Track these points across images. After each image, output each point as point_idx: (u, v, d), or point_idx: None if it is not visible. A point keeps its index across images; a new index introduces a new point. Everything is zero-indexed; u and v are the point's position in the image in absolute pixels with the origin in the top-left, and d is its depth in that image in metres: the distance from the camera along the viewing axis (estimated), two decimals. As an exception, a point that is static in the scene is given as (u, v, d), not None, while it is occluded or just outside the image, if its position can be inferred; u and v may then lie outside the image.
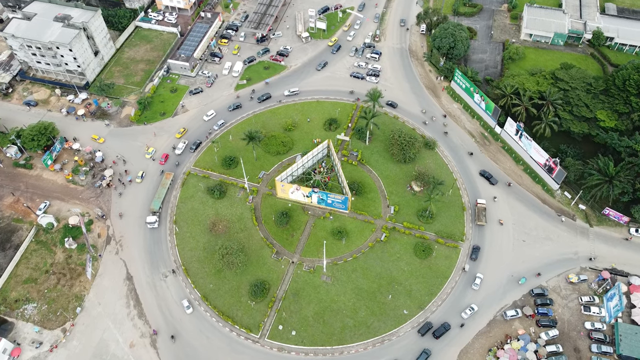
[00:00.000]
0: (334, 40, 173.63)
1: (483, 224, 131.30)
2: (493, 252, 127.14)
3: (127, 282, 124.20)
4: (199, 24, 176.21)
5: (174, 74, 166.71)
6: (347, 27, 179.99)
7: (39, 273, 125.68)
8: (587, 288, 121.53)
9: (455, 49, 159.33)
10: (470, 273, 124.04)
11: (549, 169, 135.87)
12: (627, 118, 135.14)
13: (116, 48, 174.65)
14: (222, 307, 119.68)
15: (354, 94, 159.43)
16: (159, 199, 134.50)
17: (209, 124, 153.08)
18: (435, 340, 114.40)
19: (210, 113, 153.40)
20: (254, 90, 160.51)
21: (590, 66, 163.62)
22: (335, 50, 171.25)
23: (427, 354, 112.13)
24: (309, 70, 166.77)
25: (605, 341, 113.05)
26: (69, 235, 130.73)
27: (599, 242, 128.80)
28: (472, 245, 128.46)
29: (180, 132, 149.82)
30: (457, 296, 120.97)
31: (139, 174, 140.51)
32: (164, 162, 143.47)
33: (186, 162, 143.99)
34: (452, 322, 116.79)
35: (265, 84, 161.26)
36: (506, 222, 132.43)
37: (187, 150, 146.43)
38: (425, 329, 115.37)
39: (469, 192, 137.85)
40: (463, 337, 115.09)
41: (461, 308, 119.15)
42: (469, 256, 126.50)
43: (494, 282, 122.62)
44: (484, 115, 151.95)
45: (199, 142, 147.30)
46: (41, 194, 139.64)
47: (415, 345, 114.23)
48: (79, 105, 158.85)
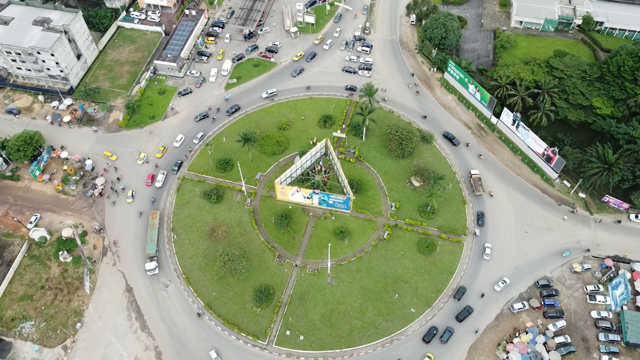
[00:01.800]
0: (299, 54, 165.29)
1: (481, 193, 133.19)
2: (496, 246, 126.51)
3: (127, 294, 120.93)
4: (184, 22, 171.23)
5: (161, 75, 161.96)
6: (319, 39, 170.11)
7: (34, 289, 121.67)
8: (591, 277, 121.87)
9: (447, 39, 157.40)
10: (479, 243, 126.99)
11: (547, 158, 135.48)
12: (623, 104, 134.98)
13: (99, 50, 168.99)
14: (227, 315, 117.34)
15: (347, 89, 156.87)
16: (153, 242, 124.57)
17: (189, 139, 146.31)
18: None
19: (179, 138, 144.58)
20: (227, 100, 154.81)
21: (582, 52, 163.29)
22: (310, 59, 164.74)
23: (451, 332, 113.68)
24: (300, 67, 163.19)
25: (612, 329, 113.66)
26: (63, 248, 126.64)
27: (600, 230, 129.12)
28: (476, 212, 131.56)
29: (160, 151, 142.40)
30: (474, 269, 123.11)
31: (129, 193, 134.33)
32: (150, 183, 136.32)
33: (166, 198, 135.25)
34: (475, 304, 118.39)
35: (225, 100, 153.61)
36: (507, 213, 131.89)
37: (167, 180, 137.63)
38: (464, 315, 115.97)
39: (460, 166, 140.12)
40: (471, 334, 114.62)
41: (483, 279, 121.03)
42: (475, 222, 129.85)
43: (498, 275, 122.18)
44: (480, 106, 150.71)
45: (180, 162, 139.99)
46: (31, 207, 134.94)
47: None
48: (64, 112, 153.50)
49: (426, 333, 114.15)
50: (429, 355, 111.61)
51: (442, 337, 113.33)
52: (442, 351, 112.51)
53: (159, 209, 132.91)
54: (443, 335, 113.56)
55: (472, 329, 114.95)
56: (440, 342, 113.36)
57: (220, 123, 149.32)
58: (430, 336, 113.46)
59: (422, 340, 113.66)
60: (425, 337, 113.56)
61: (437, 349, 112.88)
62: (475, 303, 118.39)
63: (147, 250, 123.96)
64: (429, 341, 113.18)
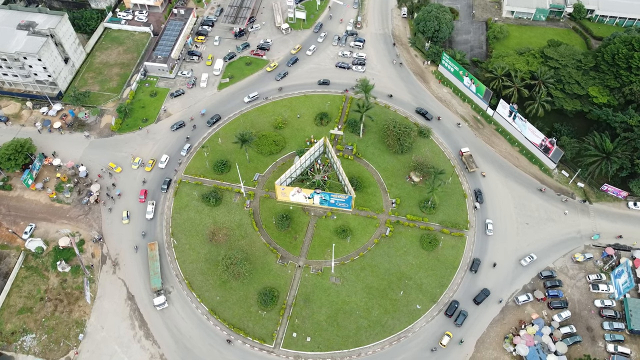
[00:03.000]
0: (274, 65, 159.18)
1: (475, 169, 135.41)
2: (498, 238, 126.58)
3: (129, 302, 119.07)
4: (173, 21, 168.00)
5: (152, 77, 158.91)
6: (297, 49, 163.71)
7: (33, 301, 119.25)
8: (593, 266, 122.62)
9: (440, 31, 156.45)
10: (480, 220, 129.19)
11: (545, 149, 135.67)
12: (619, 92, 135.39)
13: (86, 53, 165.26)
14: (232, 320, 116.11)
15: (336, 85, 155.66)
16: (157, 275, 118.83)
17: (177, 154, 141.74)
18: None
19: (164, 159, 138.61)
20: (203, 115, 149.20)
21: (574, 40, 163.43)
22: (291, 64, 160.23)
23: (465, 315, 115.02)
24: (302, 56, 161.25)
25: (616, 317, 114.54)
26: (60, 258, 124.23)
27: (600, 218, 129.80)
28: (474, 190, 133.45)
29: (150, 164, 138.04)
30: (480, 244, 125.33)
31: (124, 214, 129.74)
32: (143, 200, 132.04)
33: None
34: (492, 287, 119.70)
35: (201, 115, 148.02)
36: (508, 205, 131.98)
37: (157, 210, 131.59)
38: (483, 297, 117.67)
39: (449, 146, 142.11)
40: (478, 326, 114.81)
41: (490, 254, 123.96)
42: (474, 200, 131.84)
43: (502, 268, 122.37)
44: (475, 98, 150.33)
45: (168, 180, 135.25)
46: (25, 216, 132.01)
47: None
48: (54, 118, 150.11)
49: (448, 307, 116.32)
50: (448, 334, 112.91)
51: (457, 320, 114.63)
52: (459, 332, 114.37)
53: (155, 239, 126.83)
54: (457, 318, 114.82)
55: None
56: (455, 325, 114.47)
57: (205, 132, 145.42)
58: (452, 310, 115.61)
59: (444, 314, 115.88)
60: (448, 311, 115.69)
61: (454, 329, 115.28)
62: (492, 285, 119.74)
63: (152, 284, 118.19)
64: (452, 315, 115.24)
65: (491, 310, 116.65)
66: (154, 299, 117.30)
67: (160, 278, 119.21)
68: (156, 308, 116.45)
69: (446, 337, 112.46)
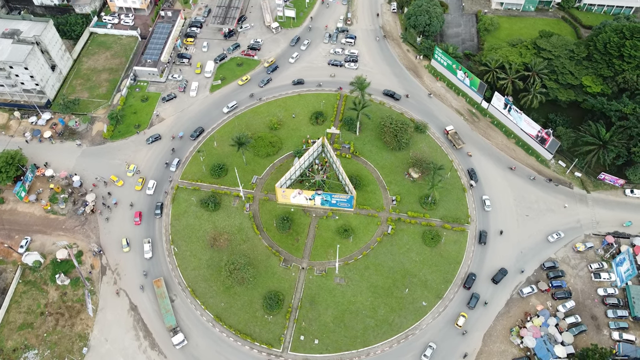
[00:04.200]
0: (245, 79, 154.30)
1: (462, 145, 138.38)
2: (498, 235, 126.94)
3: (132, 313, 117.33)
4: (160, 24, 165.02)
5: (142, 81, 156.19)
6: (270, 62, 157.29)
7: (33, 316, 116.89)
8: (594, 255, 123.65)
9: (432, 25, 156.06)
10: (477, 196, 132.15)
11: (542, 140, 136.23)
12: (612, 81, 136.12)
13: (73, 59, 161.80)
14: (237, 326, 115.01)
15: (329, 83, 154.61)
16: (170, 312, 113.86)
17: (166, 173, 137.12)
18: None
19: (151, 185, 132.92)
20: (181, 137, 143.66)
21: (563, 30, 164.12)
22: (271, 71, 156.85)
23: (477, 297, 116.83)
24: (284, 63, 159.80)
25: (619, 305, 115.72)
26: (59, 271, 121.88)
27: (598, 207, 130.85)
28: (467, 170, 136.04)
29: (140, 183, 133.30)
30: (482, 220, 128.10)
31: (123, 242, 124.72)
32: (139, 222, 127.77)
33: (154, 271, 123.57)
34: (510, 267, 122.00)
35: (180, 137, 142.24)
36: (507, 198, 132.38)
37: (155, 247, 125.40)
38: (501, 276, 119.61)
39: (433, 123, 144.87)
40: (485, 320, 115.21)
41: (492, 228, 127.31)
42: (468, 180, 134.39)
43: (505, 260, 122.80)
44: (469, 92, 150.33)
45: (160, 204, 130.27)
46: (19, 230, 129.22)
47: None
48: (43, 127, 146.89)
49: (466, 280, 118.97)
50: (463, 315, 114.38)
51: (470, 302, 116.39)
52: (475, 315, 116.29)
53: (161, 275, 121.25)
54: (470, 301, 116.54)
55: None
56: (468, 307, 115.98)
57: (191, 145, 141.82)
58: (470, 282, 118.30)
59: (463, 287, 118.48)
60: (466, 283, 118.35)
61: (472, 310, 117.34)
62: (510, 265, 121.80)
63: (167, 323, 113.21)
64: (470, 287, 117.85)
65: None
66: (172, 338, 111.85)
67: (174, 315, 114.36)
68: (176, 347, 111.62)
69: (462, 317, 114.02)
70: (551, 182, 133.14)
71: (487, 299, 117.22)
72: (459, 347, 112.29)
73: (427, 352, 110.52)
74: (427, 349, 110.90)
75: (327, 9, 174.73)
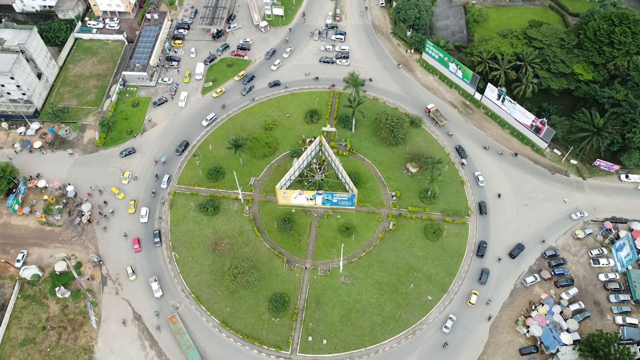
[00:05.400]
0: (220, 91, 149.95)
1: (444, 121, 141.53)
2: (499, 224, 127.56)
3: (137, 322, 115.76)
4: (147, 27, 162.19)
5: (131, 86, 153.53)
6: (241, 76, 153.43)
7: (35, 332, 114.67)
8: (593, 241, 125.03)
9: (421, 19, 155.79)
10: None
11: (536, 129, 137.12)
12: (603, 68, 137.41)
13: (59, 66, 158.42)
14: (244, 330, 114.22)
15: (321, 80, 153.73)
16: (192, 348, 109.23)
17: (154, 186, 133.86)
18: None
19: (144, 212, 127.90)
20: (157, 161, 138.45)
21: (551, 18, 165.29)
22: (246, 82, 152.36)
23: (487, 272, 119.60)
24: (276, 62, 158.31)
25: (621, 290, 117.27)
26: (58, 283, 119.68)
27: (595, 193, 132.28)
28: (455, 147, 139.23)
29: (132, 205, 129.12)
30: (478, 193, 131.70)
31: (128, 270, 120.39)
32: (139, 249, 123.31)
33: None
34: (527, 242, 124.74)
35: (162, 163, 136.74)
36: (505, 189, 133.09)
37: (164, 289, 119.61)
38: (518, 251, 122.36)
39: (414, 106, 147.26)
40: (490, 311, 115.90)
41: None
42: (458, 156, 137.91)
43: (506, 252, 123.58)
44: (462, 84, 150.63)
45: (157, 231, 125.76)
46: (15, 244, 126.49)
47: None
48: (33, 137, 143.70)
49: (478, 248, 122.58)
50: (475, 292, 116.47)
51: (481, 278, 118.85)
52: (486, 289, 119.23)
53: (174, 312, 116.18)
54: (481, 276, 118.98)
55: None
56: (480, 283, 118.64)
57: (177, 162, 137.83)
58: (482, 250, 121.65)
59: (476, 255, 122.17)
60: (479, 251, 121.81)
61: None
62: (527, 241, 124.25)
63: (190, 359, 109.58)
64: (483, 255, 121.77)
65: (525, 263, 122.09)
66: None
67: (196, 349, 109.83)
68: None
69: (474, 295, 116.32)
70: (516, 155, 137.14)
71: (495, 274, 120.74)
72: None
73: (448, 323, 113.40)
74: (448, 321, 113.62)
75: (315, 6, 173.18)
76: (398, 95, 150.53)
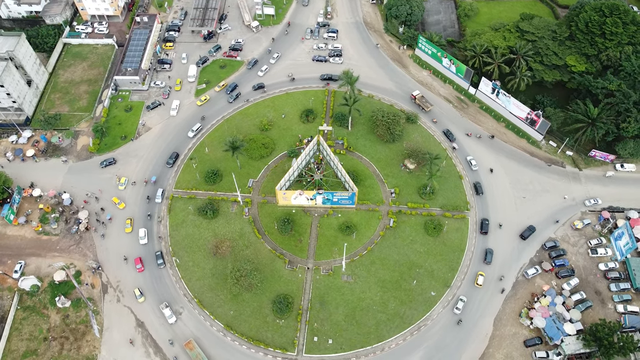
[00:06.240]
0: (204, 99, 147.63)
1: (430, 107, 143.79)
2: (498, 218, 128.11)
3: (140, 330, 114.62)
4: (137, 30, 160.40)
5: (124, 91, 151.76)
6: (221, 87, 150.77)
7: (36, 343, 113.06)
8: (592, 231, 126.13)
9: (413, 15, 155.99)
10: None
11: (532, 122, 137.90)
12: (596, 59, 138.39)
13: (49, 72, 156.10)
14: (249, 333, 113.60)
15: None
16: None
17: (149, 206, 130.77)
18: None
19: (143, 234, 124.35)
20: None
21: (541, 10, 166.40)
22: (229, 92, 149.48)
23: (491, 252, 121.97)
24: (268, 62, 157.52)
25: (621, 278, 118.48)
26: (58, 293, 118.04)
27: (591, 183, 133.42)
28: (442, 131, 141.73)
29: (128, 224, 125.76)
30: (473, 177, 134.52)
31: (136, 292, 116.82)
32: (142, 269, 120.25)
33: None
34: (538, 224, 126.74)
35: (153, 182, 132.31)
36: (503, 182, 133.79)
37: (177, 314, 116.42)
38: (529, 233, 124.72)
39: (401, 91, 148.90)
40: (493, 305, 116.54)
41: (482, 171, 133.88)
42: (447, 139, 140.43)
43: (507, 245, 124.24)
44: (456, 79, 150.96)
45: (159, 252, 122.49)
46: (12, 254, 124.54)
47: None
48: (25, 146, 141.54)
49: (481, 225, 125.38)
50: (481, 273, 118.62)
51: (486, 258, 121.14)
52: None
53: (190, 337, 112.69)
54: (486, 257, 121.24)
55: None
56: (485, 263, 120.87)
57: (170, 173, 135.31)
58: (486, 227, 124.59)
59: (480, 233, 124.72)
60: (482, 229, 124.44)
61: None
62: (538, 224, 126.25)
63: None
64: (487, 232, 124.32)
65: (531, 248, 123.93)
66: None
67: None
68: None
69: (480, 277, 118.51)
70: (493, 138, 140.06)
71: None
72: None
73: (459, 304, 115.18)
74: (459, 302, 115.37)
75: (305, 5, 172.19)
76: (393, 92, 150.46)
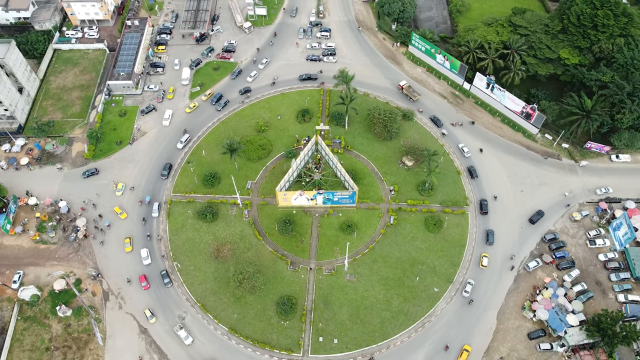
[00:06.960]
0: (193, 106, 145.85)
1: (417, 96, 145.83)
2: (498, 213, 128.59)
3: (143, 336, 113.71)
4: (128, 34, 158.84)
5: (117, 96, 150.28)
6: (207, 96, 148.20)
7: (39, 353, 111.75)
8: (590, 222, 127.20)
9: (405, 12, 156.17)
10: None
11: (527, 115, 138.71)
12: (589, 52, 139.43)
13: (40, 79, 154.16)
14: (254, 335, 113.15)
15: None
16: None
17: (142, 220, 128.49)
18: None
19: (145, 254, 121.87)
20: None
21: (531, 4, 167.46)
22: (215, 102, 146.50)
23: (492, 233, 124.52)
24: (263, 61, 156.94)
25: (620, 268, 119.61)
26: (59, 302, 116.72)
27: (588, 175, 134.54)
28: (430, 118, 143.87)
29: (128, 243, 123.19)
30: (466, 162, 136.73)
31: (147, 313, 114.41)
32: (148, 286, 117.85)
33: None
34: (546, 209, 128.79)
35: (147, 203, 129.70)
36: (501, 176, 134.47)
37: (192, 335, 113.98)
38: (537, 217, 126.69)
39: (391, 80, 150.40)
40: (496, 299, 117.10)
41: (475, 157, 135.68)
42: (438, 128, 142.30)
43: (507, 239, 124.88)
44: (450, 75, 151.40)
45: (164, 272, 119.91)
46: (9, 264, 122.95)
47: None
48: (19, 154, 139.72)
49: (480, 206, 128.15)
50: (485, 255, 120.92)
51: (488, 239, 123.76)
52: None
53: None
54: (488, 237, 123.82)
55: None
56: (488, 244, 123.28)
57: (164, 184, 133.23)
58: (485, 208, 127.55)
59: (480, 213, 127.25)
60: (482, 209, 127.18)
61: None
62: (547, 208, 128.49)
63: None
64: (487, 212, 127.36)
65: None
66: None
67: None
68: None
69: (485, 258, 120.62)
70: (473, 124, 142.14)
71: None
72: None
73: (467, 287, 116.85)
74: (467, 285, 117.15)
75: (293, 17, 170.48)
76: (387, 90, 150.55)
